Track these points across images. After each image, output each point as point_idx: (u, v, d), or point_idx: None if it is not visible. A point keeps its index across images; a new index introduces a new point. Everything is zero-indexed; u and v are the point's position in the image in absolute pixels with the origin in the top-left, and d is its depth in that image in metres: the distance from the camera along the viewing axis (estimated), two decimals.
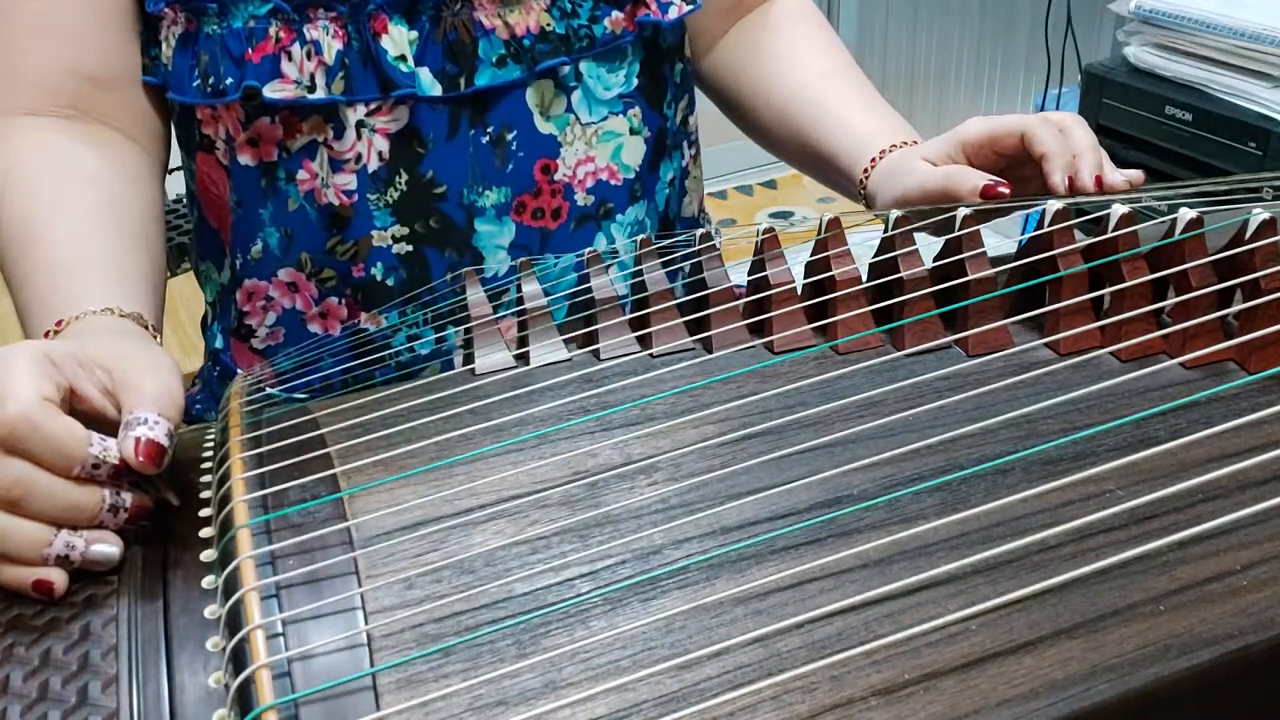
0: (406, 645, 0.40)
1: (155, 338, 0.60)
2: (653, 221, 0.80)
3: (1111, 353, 0.54)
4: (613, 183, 0.76)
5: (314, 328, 0.76)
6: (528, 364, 0.56)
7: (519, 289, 0.59)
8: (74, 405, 0.47)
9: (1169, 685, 0.39)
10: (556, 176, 0.74)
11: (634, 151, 0.77)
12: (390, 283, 0.73)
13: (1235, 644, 0.40)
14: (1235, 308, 0.55)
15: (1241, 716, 0.43)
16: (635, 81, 0.76)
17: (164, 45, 0.70)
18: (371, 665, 0.39)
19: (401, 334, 0.76)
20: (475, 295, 0.60)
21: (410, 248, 0.73)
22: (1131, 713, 0.39)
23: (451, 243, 0.73)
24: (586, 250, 0.60)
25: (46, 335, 0.59)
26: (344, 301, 0.75)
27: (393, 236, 0.72)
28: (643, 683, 0.38)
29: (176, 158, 0.78)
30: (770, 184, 2.99)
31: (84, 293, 0.61)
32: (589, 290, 0.58)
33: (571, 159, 0.74)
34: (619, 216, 0.77)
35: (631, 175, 0.77)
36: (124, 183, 0.70)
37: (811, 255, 0.59)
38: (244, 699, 0.38)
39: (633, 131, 0.77)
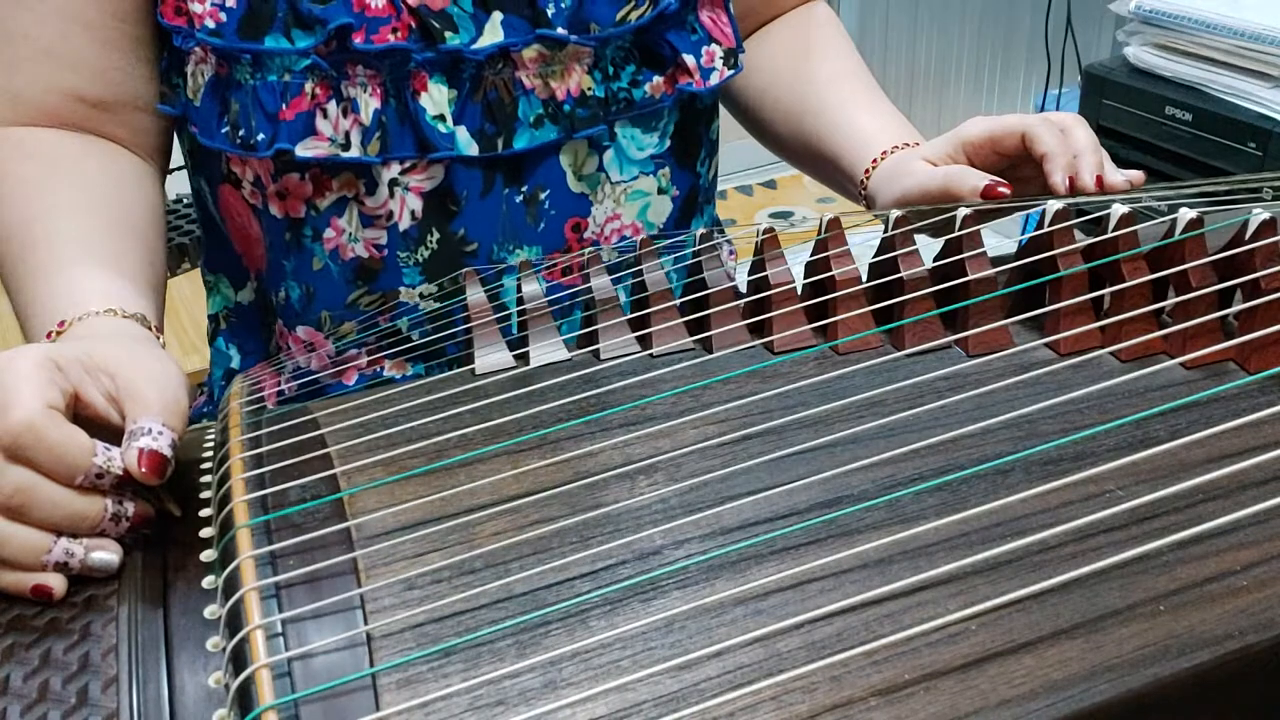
0: (406, 645, 0.40)
1: (158, 339, 0.60)
2: (680, 275, 0.80)
3: (1111, 353, 0.54)
4: (636, 240, 0.76)
5: (328, 382, 0.75)
6: (528, 364, 0.56)
7: (519, 289, 0.59)
8: (78, 411, 0.47)
9: (1169, 685, 0.39)
10: (586, 234, 0.74)
11: (660, 210, 0.77)
12: (415, 336, 0.73)
13: (1235, 644, 0.40)
14: (1235, 308, 0.55)
15: (1242, 716, 0.43)
16: (668, 143, 0.75)
17: (189, 79, 0.68)
18: (371, 665, 0.39)
19: None
20: (475, 295, 0.60)
21: (437, 305, 0.72)
22: (1131, 713, 0.39)
23: None
24: (588, 250, 0.60)
25: (49, 336, 0.59)
26: (363, 350, 0.74)
27: (420, 294, 0.72)
28: (643, 683, 0.38)
29: (177, 157, 0.78)
30: (770, 184, 2.99)
31: (85, 294, 0.60)
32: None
33: (601, 216, 0.74)
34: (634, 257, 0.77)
35: (654, 232, 0.77)
36: (122, 186, 0.70)
37: (811, 255, 0.59)
38: (244, 699, 0.38)
39: (660, 191, 0.76)
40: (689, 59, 0.72)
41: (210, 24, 0.65)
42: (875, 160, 0.76)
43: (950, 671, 0.39)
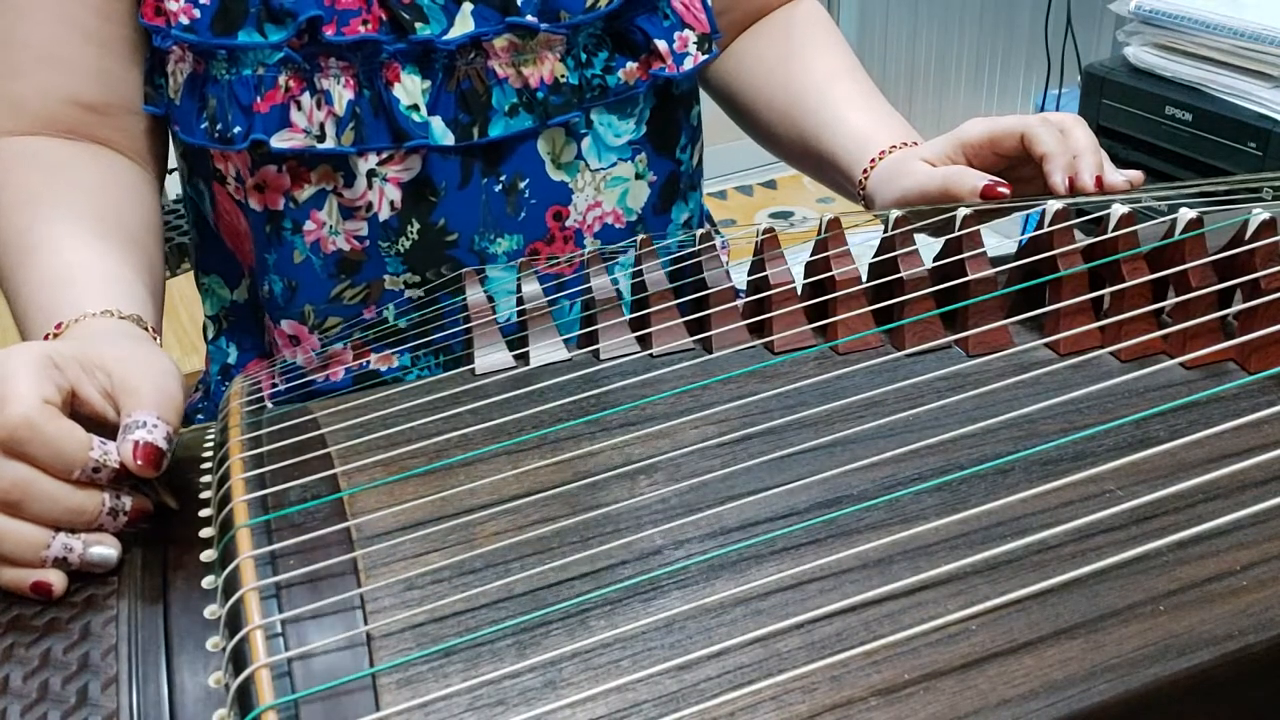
0: (406, 645, 0.40)
1: (155, 339, 0.60)
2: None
3: (1111, 353, 0.54)
4: (617, 226, 0.76)
5: (314, 377, 0.75)
6: (528, 364, 0.56)
7: (519, 289, 0.59)
8: (75, 408, 0.47)
9: (1169, 685, 0.39)
10: (568, 222, 0.74)
11: (638, 196, 0.77)
12: (402, 324, 0.73)
13: (1235, 644, 0.40)
14: (1235, 308, 0.55)
15: (1242, 716, 0.43)
16: (645, 129, 0.75)
17: (171, 78, 0.69)
18: (371, 665, 0.39)
19: (412, 374, 0.75)
20: (475, 295, 0.60)
21: (421, 292, 0.72)
22: (1131, 713, 0.39)
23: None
24: (588, 250, 0.60)
25: (46, 339, 0.59)
26: (348, 345, 0.74)
27: (404, 282, 0.72)
28: (643, 683, 0.38)
29: (173, 158, 0.78)
30: (770, 184, 2.99)
31: (82, 297, 0.61)
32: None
33: (582, 204, 0.74)
34: (623, 258, 0.77)
35: (634, 218, 0.77)
36: (120, 192, 0.70)
37: (811, 255, 0.59)
38: (244, 699, 0.38)
39: (638, 176, 0.76)
40: (661, 44, 0.72)
41: (185, 20, 0.66)
42: (873, 160, 0.76)
43: (950, 671, 0.39)
